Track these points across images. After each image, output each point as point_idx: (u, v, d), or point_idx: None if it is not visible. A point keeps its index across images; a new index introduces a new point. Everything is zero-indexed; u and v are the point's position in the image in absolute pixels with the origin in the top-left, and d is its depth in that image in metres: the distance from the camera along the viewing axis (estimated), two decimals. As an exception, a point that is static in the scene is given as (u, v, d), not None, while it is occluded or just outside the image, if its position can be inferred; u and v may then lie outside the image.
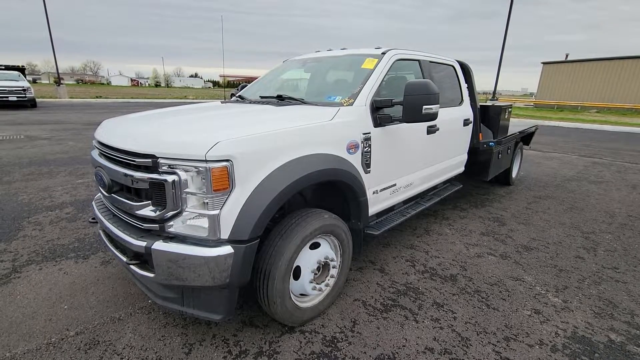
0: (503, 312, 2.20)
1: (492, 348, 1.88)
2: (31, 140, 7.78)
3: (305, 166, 1.78)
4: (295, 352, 1.82)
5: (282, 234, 1.79)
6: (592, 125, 15.41)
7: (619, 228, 3.68)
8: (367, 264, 2.77)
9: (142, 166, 1.61)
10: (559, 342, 1.94)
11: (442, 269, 2.72)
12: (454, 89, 3.54)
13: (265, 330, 1.98)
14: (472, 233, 3.44)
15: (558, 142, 10.19)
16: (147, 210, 1.64)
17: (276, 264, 1.74)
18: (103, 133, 2.00)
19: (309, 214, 1.91)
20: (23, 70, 17.28)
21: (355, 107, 2.22)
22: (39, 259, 2.69)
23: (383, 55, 2.59)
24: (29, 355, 1.75)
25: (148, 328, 1.97)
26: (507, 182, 5.11)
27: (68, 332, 1.92)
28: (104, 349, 1.80)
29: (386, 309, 2.19)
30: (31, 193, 4.22)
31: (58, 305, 2.14)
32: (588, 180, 5.70)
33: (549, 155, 7.93)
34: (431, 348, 1.87)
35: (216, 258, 1.55)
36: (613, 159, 7.81)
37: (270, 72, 3.43)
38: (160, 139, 1.65)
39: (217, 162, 1.50)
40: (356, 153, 2.15)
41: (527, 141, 5.82)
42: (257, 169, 1.62)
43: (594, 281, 2.61)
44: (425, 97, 2.13)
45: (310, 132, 1.89)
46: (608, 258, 2.99)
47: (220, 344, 1.86)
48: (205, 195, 1.53)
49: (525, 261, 2.89)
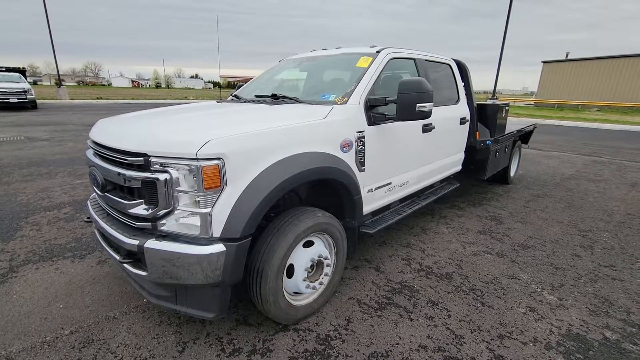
0: (498, 310, 2.20)
1: (486, 346, 1.88)
2: (31, 141, 7.82)
3: (297, 164, 1.78)
4: (289, 350, 1.82)
5: (275, 232, 1.79)
6: (593, 124, 15.37)
7: (617, 226, 3.67)
8: (363, 262, 2.77)
9: (134, 165, 1.62)
10: (553, 340, 1.93)
11: (437, 267, 2.72)
12: (451, 87, 3.54)
13: (259, 328, 1.98)
14: (469, 231, 3.43)
15: (558, 141, 10.16)
16: (139, 208, 1.64)
17: (269, 262, 1.74)
18: (97, 132, 2.00)
19: (302, 212, 1.91)
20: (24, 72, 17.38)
21: (349, 105, 2.23)
22: (35, 258, 2.70)
23: (377, 54, 2.59)
24: (24, 353, 1.76)
25: (142, 327, 1.98)
26: (505, 180, 5.10)
27: (63, 330, 1.93)
28: (97, 348, 1.81)
29: (381, 307, 2.19)
30: (30, 193, 4.23)
31: (54, 305, 2.15)
32: (587, 179, 5.68)
33: (549, 154, 7.92)
34: (425, 346, 1.87)
35: (208, 256, 1.56)
36: (613, 157, 7.78)
37: (266, 72, 3.43)
38: (152, 137, 1.66)
39: (208, 160, 1.51)
40: (350, 151, 2.16)
41: (526, 140, 5.81)
42: (248, 167, 1.63)
43: (590, 279, 2.60)
44: (419, 95, 2.14)
45: (303, 130, 1.89)
46: (605, 256, 2.98)
47: (214, 342, 1.87)
48: (196, 193, 1.54)
49: (521, 259, 2.88)
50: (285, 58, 3.50)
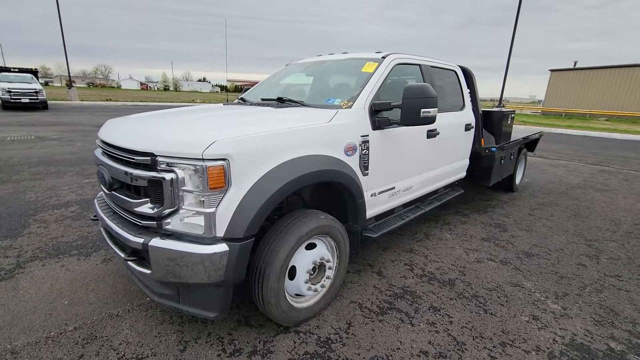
0: (500, 317, 2.18)
1: (488, 353, 1.87)
2: (41, 140, 7.95)
3: (301, 167, 1.80)
4: (289, 352, 1.82)
5: (278, 234, 1.81)
6: (601, 133, 15.21)
7: (624, 236, 3.62)
8: (365, 266, 2.77)
9: (141, 164, 1.65)
10: (557, 349, 1.91)
11: (440, 273, 2.71)
12: (456, 94, 3.54)
13: (260, 329, 1.99)
14: (472, 238, 3.42)
15: (565, 150, 10.08)
16: (145, 207, 1.67)
17: (271, 263, 1.75)
18: (105, 132, 2.05)
19: (304, 215, 1.93)
20: (36, 73, 17.70)
21: (353, 109, 2.25)
22: (42, 255, 2.74)
23: (383, 60, 2.62)
24: (29, 348, 1.78)
25: (145, 325, 1.99)
26: (510, 188, 5.07)
27: (67, 326, 1.95)
28: (100, 344, 1.83)
29: (382, 312, 2.19)
30: (38, 192, 4.30)
31: (59, 301, 2.18)
32: (594, 188, 5.62)
33: (555, 163, 7.85)
34: (425, 351, 1.86)
35: (211, 255, 1.57)
36: (621, 166, 7.70)
37: (273, 76, 3.47)
38: (159, 137, 1.69)
39: (213, 160, 1.53)
40: (354, 155, 2.17)
41: (532, 148, 5.77)
42: (253, 169, 1.65)
43: (596, 289, 2.57)
44: (424, 100, 2.15)
45: (307, 133, 1.91)
46: (611, 266, 2.95)
47: (215, 342, 1.88)
48: (201, 193, 1.56)
49: (525, 267, 2.86)
50: (291, 62, 3.54)
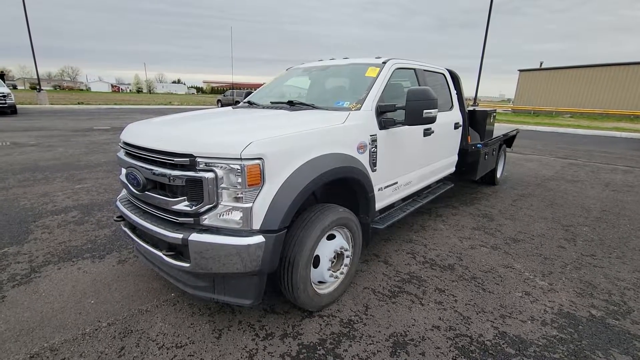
0: (497, 294, 2.45)
1: (491, 324, 2.12)
2: (18, 147, 7.65)
3: (324, 164, 1.98)
4: (317, 333, 1.99)
5: (304, 226, 1.98)
6: (567, 129, 16.30)
7: (595, 221, 4.03)
8: (372, 257, 2.98)
9: (179, 165, 1.77)
10: (548, 318, 2.19)
11: (440, 259, 2.96)
12: (445, 95, 3.83)
13: (287, 316, 2.15)
14: (464, 228, 3.71)
15: (536, 145, 10.77)
16: (182, 205, 1.79)
17: (300, 252, 1.92)
18: (131, 135, 2.14)
19: (326, 208, 2.11)
20: (2, 76, 16.79)
21: (362, 111, 2.45)
22: (55, 259, 2.76)
23: (384, 65, 2.84)
24: (67, 344, 1.86)
25: (176, 318, 2.10)
26: (492, 181, 5.45)
27: (100, 323, 2.03)
28: (138, 337, 1.92)
29: (394, 295, 2.40)
30: (31, 198, 4.22)
31: (85, 301, 2.24)
32: (565, 180, 6.13)
33: (529, 157, 8.42)
34: (438, 326, 2.09)
35: (248, 247, 1.72)
36: (587, 160, 8.36)
37: (275, 80, 3.62)
38: (197, 140, 1.81)
39: (251, 160, 1.68)
40: (365, 153, 2.37)
41: (510, 143, 6.21)
42: (284, 166, 1.81)
43: (575, 267, 2.90)
44: (426, 102, 2.38)
45: (328, 133, 2.09)
46: (586, 247, 3.31)
47: (247, 328, 2.02)
48: (239, 190, 1.71)
49: (513, 251, 3.16)
50: (292, 67, 3.70)
